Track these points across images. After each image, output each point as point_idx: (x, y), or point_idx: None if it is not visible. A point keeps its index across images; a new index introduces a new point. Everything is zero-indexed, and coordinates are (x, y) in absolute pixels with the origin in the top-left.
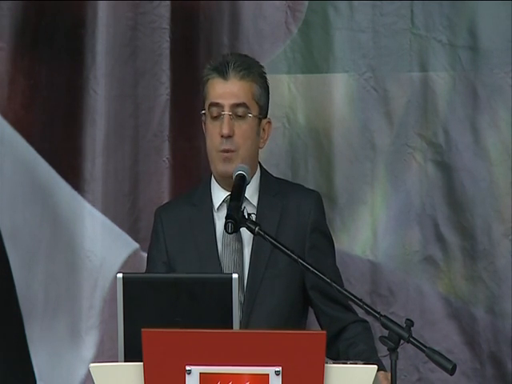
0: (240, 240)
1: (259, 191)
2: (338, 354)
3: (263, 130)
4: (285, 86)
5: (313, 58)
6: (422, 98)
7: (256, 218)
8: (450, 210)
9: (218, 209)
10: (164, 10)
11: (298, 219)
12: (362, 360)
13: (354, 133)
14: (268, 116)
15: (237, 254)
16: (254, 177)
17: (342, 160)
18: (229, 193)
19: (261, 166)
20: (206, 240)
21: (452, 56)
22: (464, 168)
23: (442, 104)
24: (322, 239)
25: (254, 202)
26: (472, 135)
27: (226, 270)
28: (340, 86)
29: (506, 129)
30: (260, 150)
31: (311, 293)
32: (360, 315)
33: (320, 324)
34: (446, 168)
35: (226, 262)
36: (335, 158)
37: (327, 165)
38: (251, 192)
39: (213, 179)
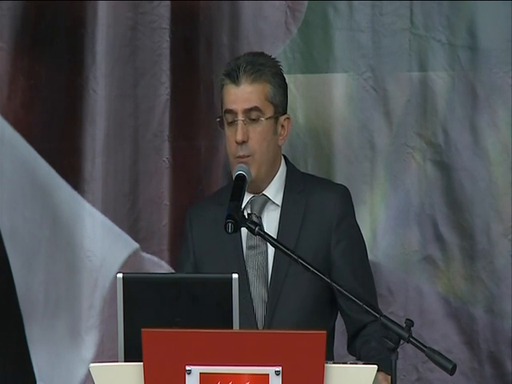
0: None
1: (284, 189)
2: (355, 351)
3: (282, 126)
4: None
5: (312, 58)
6: (422, 98)
7: (280, 217)
8: (450, 210)
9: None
10: (164, 10)
11: (323, 215)
12: (369, 358)
13: (353, 133)
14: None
15: (260, 255)
16: (278, 174)
17: (341, 160)
18: (252, 195)
19: (287, 161)
20: (230, 240)
21: (451, 56)
22: (463, 168)
23: (441, 104)
24: (349, 233)
25: (278, 200)
26: (471, 135)
27: (250, 270)
28: (340, 86)
29: (506, 128)
30: None
31: (335, 293)
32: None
33: (345, 323)
34: (445, 168)
35: (250, 262)
36: (335, 158)
37: (327, 164)
38: (275, 191)
39: None
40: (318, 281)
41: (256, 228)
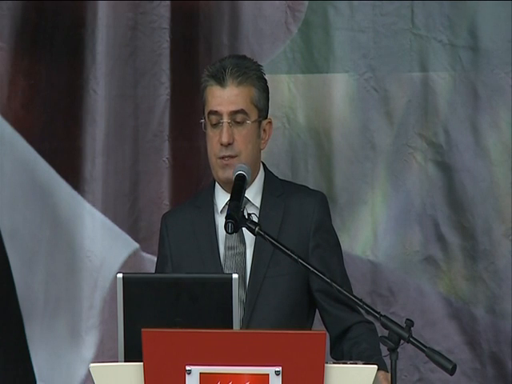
0: (242, 241)
1: (263, 192)
2: (343, 354)
3: (264, 130)
4: (285, 86)
5: (313, 58)
6: (423, 98)
7: (258, 219)
8: (451, 210)
9: (221, 211)
10: (164, 10)
11: (301, 219)
12: (364, 358)
13: (354, 133)
14: (268, 116)
15: (239, 256)
16: (257, 178)
17: (342, 160)
18: None
19: (265, 167)
20: (207, 242)
21: (452, 56)
22: (464, 168)
23: (442, 104)
24: (326, 239)
25: (257, 203)
26: (472, 135)
27: (227, 271)
28: (340, 86)
29: (507, 129)
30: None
31: (316, 294)
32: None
33: (325, 325)
34: (446, 168)
35: (228, 263)
36: (335, 158)
37: (327, 165)
38: (254, 193)
39: (216, 182)
40: (295, 284)
41: (256, 228)
